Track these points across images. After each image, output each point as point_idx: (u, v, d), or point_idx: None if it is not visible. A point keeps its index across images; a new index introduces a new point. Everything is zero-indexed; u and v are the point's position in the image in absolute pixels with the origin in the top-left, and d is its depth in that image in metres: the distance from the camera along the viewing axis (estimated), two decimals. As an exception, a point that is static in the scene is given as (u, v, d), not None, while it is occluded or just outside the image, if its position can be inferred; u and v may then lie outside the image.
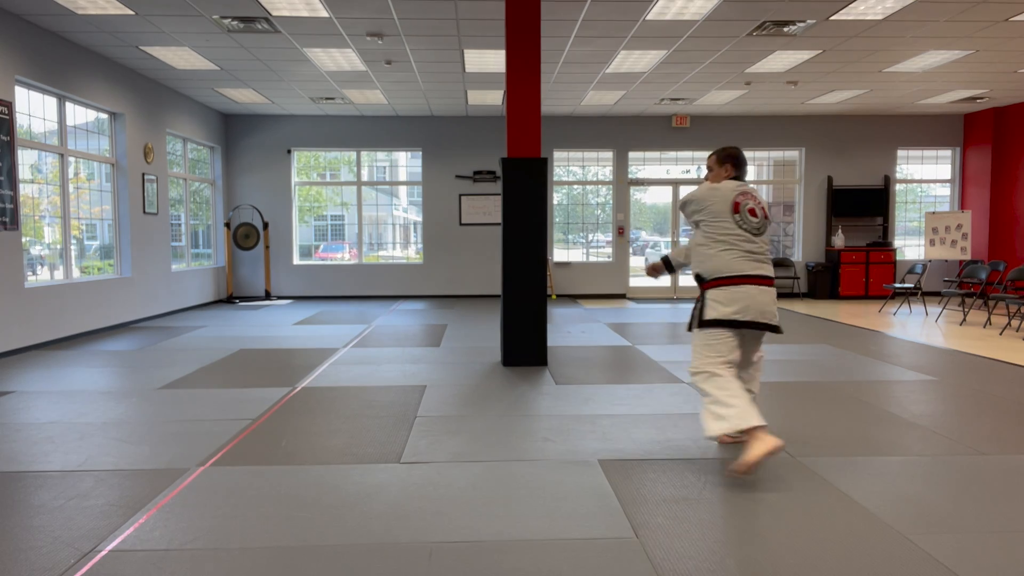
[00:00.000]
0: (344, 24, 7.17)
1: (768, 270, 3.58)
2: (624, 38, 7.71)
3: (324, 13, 6.83)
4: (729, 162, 3.75)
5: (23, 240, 7.16)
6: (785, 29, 7.39)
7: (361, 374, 5.84)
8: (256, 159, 12.37)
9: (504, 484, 3.29)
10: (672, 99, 11.03)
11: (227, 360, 6.50)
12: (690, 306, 11.40)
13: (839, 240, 12.53)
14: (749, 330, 3.56)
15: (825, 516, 2.91)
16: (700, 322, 3.58)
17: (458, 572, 2.45)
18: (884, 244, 12.61)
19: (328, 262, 12.97)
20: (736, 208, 3.56)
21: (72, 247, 8.09)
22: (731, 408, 3.32)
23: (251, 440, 4.00)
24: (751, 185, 3.73)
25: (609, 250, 13.01)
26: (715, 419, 3.38)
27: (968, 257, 11.59)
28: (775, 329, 3.57)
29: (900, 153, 12.85)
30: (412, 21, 7.09)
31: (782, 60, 8.67)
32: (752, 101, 11.23)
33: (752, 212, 3.58)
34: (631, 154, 12.72)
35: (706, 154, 12.90)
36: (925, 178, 13.12)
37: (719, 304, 3.51)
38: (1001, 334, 7.97)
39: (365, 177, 12.75)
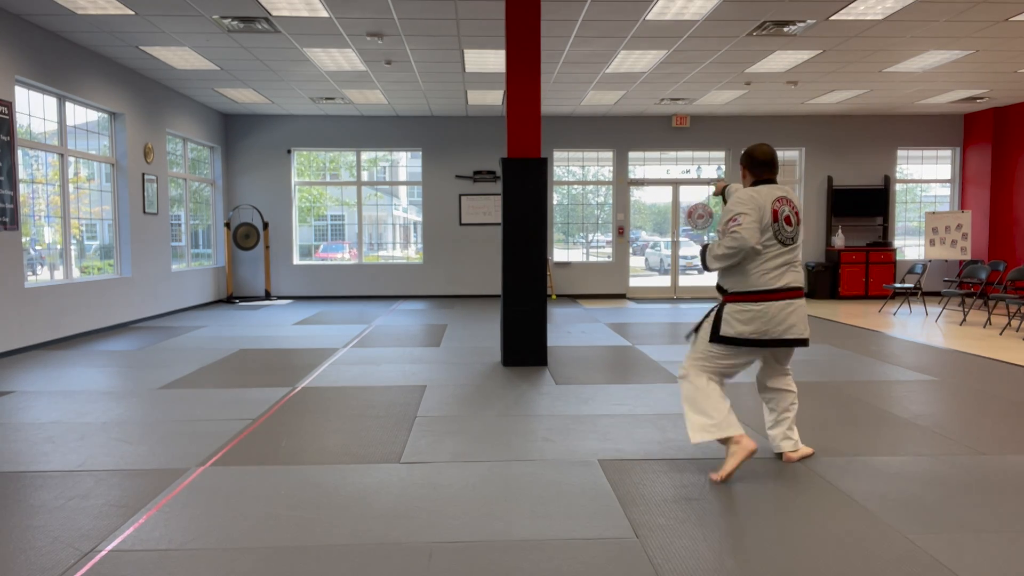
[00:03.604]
0: (344, 24, 7.17)
1: (799, 280, 3.36)
2: (624, 38, 7.71)
3: (324, 13, 6.83)
4: (754, 164, 3.43)
5: (23, 240, 7.16)
6: (785, 29, 7.39)
7: (361, 374, 5.84)
8: (256, 159, 12.37)
9: (504, 484, 3.29)
10: (672, 99, 11.03)
11: (227, 360, 6.50)
12: (689, 307, 11.40)
13: (839, 240, 12.53)
14: (774, 348, 3.38)
15: (825, 516, 2.91)
16: (714, 336, 3.36)
17: (458, 572, 2.45)
18: (884, 244, 12.61)
19: (328, 262, 12.97)
20: (775, 217, 3.28)
21: (72, 247, 8.09)
22: (713, 418, 3.32)
23: (251, 440, 4.00)
24: (787, 189, 3.42)
25: (609, 250, 13.00)
26: (700, 429, 3.35)
27: (968, 257, 11.59)
28: (803, 342, 3.36)
29: (900, 153, 12.85)
30: (412, 21, 7.09)
31: (782, 60, 8.67)
32: (752, 101, 11.23)
33: (788, 220, 3.30)
34: (631, 154, 12.72)
35: (706, 154, 12.93)
36: (925, 178, 13.12)
37: (739, 323, 3.30)
38: (1001, 334, 7.97)
39: (365, 177, 12.75)
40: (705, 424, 3.33)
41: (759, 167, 3.41)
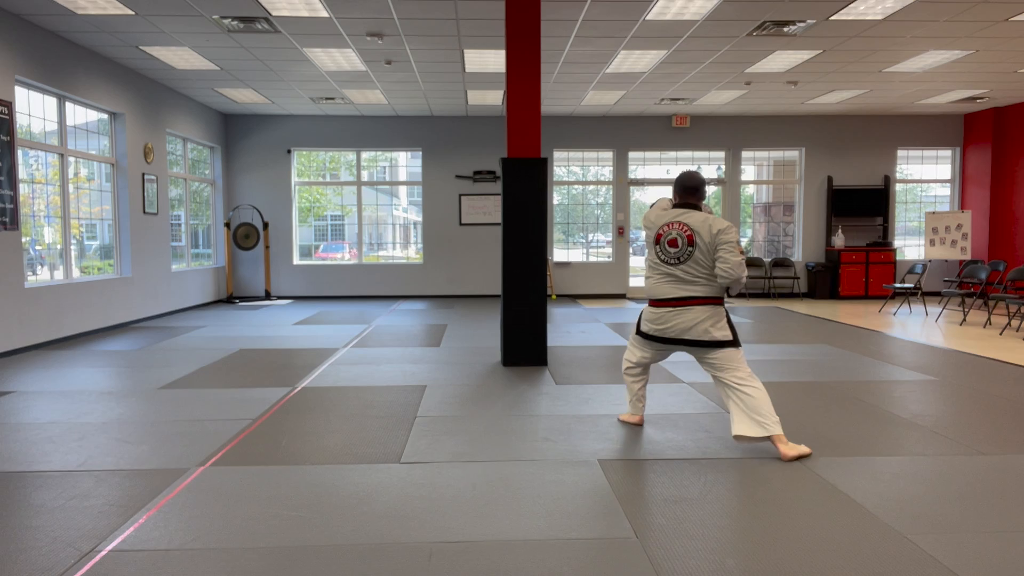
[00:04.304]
0: (344, 24, 7.17)
1: (691, 291, 3.76)
2: (624, 38, 7.71)
3: (324, 13, 6.83)
4: (674, 190, 3.97)
5: (23, 240, 7.16)
6: (785, 29, 7.39)
7: (361, 374, 5.84)
8: (256, 159, 12.37)
9: (504, 484, 3.29)
10: (672, 99, 11.03)
11: (227, 360, 6.50)
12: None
13: (839, 240, 12.53)
14: (680, 345, 3.88)
15: (825, 516, 2.91)
16: (637, 330, 4.11)
17: (458, 572, 2.45)
18: (884, 244, 12.61)
19: (328, 262, 12.97)
20: (658, 239, 3.86)
21: (72, 247, 8.09)
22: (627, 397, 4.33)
23: (251, 440, 4.00)
24: (688, 214, 3.79)
25: (609, 250, 13.01)
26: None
27: (968, 257, 11.59)
28: (706, 344, 3.75)
29: (900, 153, 12.85)
30: (412, 21, 7.09)
31: (782, 60, 8.67)
32: (752, 101, 11.23)
33: (672, 243, 3.77)
34: (631, 154, 12.72)
35: (706, 154, 12.94)
36: (925, 178, 13.12)
37: (645, 320, 4.00)
38: (1001, 334, 7.97)
39: (365, 177, 12.75)
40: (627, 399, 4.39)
41: (677, 192, 3.94)
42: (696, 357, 3.89)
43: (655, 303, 3.90)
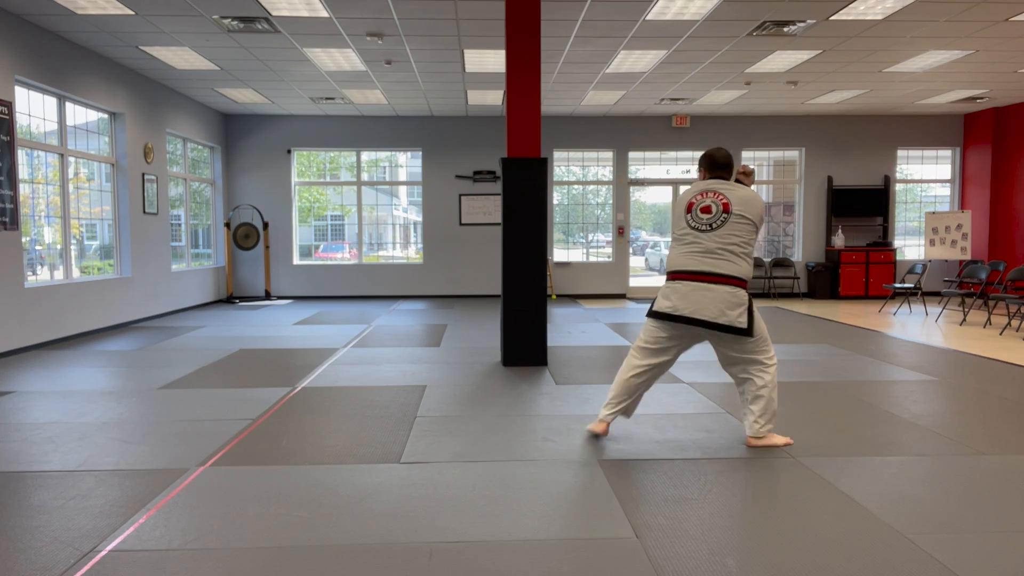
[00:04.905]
0: (344, 24, 7.17)
1: (716, 267, 3.59)
2: (624, 38, 7.71)
3: (324, 13, 6.83)
4: (701, 165, 3.92)
5: (23, 240, 7.16)
6: (785, 29, 7.39)
7: (361, 374, 5.84)
8: (256, 159, 12.37)
9: (504, 484, 3.29)
10: (672, 99, 11.03)
11: (227, 360, 6.50)
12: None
13: (839, 240, 12.53)
14: (701, 329, 3.65)
15: (825, 516, 2.91)
16: (649, 311, 3.83)
17: (458, 572, 2.45)
18: (884, 244, 12.61)
19: (328, 262, 12.97)
20: (689, 208, 3.75)
21: (72, 247, 8.09)
22: (608, 396, 3.94)
23: (251, 440, 4.00)
24: (722, 184, 3.77)
25: (609, 250, 13.00)
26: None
27: (968, 257, 11.59)
28: (722, 328, 3.56)
29: (900, 153, 12.85)
30: (412, 21, 7.09)
31: (782, 60, 8.67)
32: (752, 101, 11.23)
33: (706, 209, 3.67)
34: (631, 154, 12.72)
35: (706, 154, 12.91)
36: (925, 178, 13.12)
37: (661, 297, 3.76)
38: (1001, 334, 7.97)
39: (365, 177, 12.75)
40: (606, 400, 3.96)
41: (706, 167, 3.86)
42: (712, 342, 3.76)
43: (675, 275, 3.68)
